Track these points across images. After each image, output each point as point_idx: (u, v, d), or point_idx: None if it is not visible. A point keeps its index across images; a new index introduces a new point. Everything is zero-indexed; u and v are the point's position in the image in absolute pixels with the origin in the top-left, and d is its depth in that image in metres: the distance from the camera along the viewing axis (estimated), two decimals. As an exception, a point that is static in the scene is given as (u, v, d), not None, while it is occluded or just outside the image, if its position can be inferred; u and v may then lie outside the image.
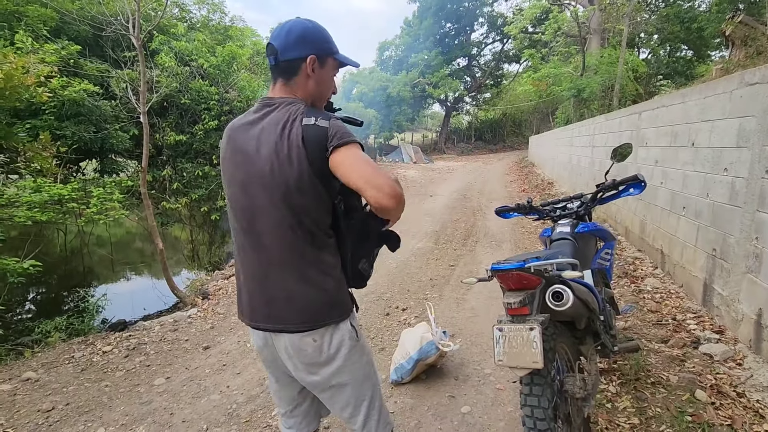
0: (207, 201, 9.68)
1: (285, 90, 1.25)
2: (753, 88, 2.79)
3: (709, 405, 2.16)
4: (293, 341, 1.22)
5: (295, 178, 1.13)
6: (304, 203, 1.16)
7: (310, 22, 1.26)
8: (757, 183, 2.66)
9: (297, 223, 1.17)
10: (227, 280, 5.22)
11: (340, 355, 1.25)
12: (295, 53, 1.22)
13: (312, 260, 1.20)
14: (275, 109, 1.21)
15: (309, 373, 1.26)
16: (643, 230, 4.78)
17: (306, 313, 1.21)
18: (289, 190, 1.14)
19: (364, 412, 1.32)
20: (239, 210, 1.24)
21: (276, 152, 1.14)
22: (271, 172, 1.15)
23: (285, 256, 1.20)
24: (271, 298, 1.22)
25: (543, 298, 1.65)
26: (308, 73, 1.23)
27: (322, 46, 1.25)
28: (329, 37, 1.28)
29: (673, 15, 18.83)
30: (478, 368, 2.76)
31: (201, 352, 3.26)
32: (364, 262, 1.32)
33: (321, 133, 1.13)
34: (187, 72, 8.85)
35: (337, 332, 1.24)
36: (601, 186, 2.41)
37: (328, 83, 1.30)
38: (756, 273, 2.61)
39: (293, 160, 1.13)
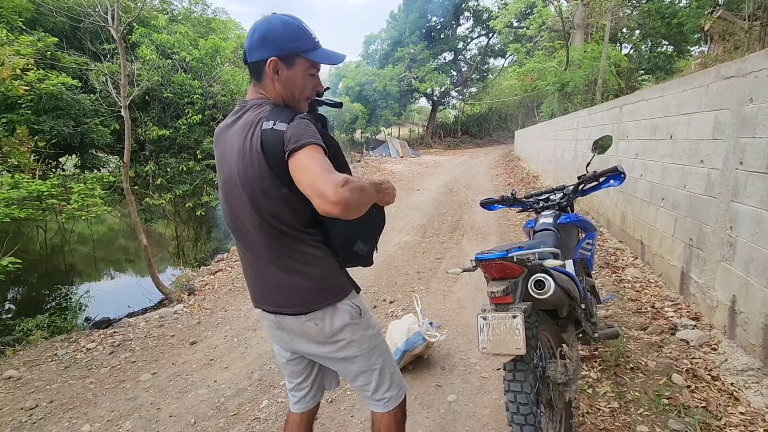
0: (192, 197, 9.55)
1: (256, 91, 1.26)
2: (728, 81, 2.88)
3: (685, 388, 2.24)
4: (296, 324, 1.29)
5: (258, 181, 1.15)
6: (268, 205, 1.17)
7: (278, 18, 1.21)
8: (732, 174, 2.75)
9: (265, 224, 1.19)
10: (213, 276, 5.19)
11: (345, 332, 1.30)
12: (258, 55, 1.20)
13: (289, 253, 1.23)
14: (246, 111, 1.21)
15: (319, 347, 1.32)
16: (624, 222, 4.89)
17: (297, 299, 1.26)
18: (254, 193, 1.16)
19: (376, 380, 1.38)
20: (225, 210, 1.30)
21: (241, 155, 1.16)
22: (240, 175, 1.17)
23: (265, 251, 1.25)
24: (265, 286, 1.30)
25: (525, 286, 1.69)
26: (270, 75, 1.21)
27: (286, 46, 1.20)
28: (299, 34, 1.21)
29: (655, 11, 19.12)
30: (464, 358, 2.80)
31: (187, 348, 3.24)
32: (360, 243, 1.35)
33: (278, 137, 1.11)
34: (169, 65, 8.69)
35: (337, 312, 1.28)
36: (582, 178, 2.46)
37: (298, 83, 1.24)
38: (730, 261, 2.70)
39: (254, 164, 1.14)
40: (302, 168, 1.06)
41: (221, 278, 5.05)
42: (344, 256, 1.33)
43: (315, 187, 1.02)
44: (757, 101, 2.52)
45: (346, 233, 1.30)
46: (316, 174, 1.03)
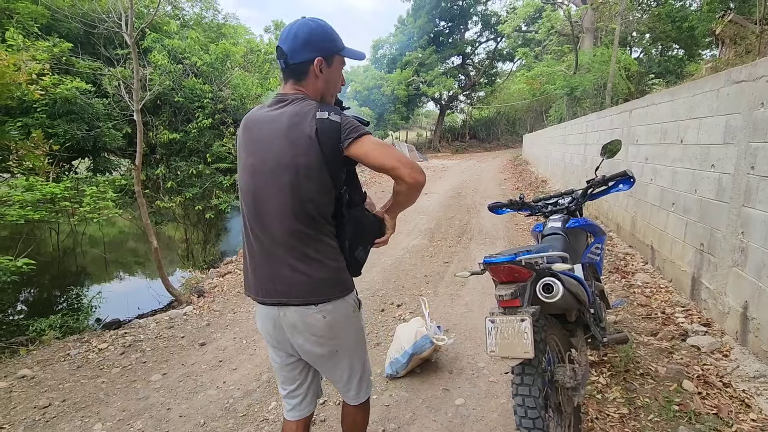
0: (201, 200, 9.65)
1: (294, 88, 1.34)
2: (739, 86, 2.86)
3: (696, 395, 2.22)
4: (301, 316, 1.32)
5: (305, 166, 1.23)
6: (310, 190, 1.25)
7: (314, 22, 1.32)
8: (743, 179, 2.73)
9: (301, 209, 1.26)
10: (222, 278, 5.23)
11: (344, 327, 1.38)
12: (303, 56, 1.30)
13: (312, 243, 1.30)
14: (289, 103, 1.30)
15: (317, 345, 1.36)
16: (633, 226, 4.85)
17: (309, 289, 1.30)
18: (297, 177, 1.24)
19: (359, 374, 1.49)
20: (249, 193, 1.34)
21: (289, 142, 1.24)
22: (283, 160, 1.25)
23: (288, 238, 1.29)
24: (277, 275, 1.32)
25: (534, 290, 1.69)
26: (316, 73, 1.32)
27: (327, 46, 1.32)
28: (334, 34, 1.35)
29: (665, 14, 18.99)
30: (472, 362, 2.80)
31: (197, 349, 3.28)
32: (360, 250, 1.42)
33: (334, 127, 1.24)
34: (180, 70, 8.82)
35: (342, 305, 1.36)
36: (591, 182, 2.46)
37: (336, 80, 1.39)
38: (742, 267, 2.67)
39: (305, 150, 1.23)
40: (380, 149, 1.25)
41: (230, 280, 5.09)
42: (348, 260, 1.38)
43: (401, 160, 1.24)
44: (769, 105, 2.50)
45: (353, 237, 1.37)
46: (398, 152, 1.25)
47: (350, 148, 1.24)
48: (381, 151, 1.25)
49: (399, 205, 1.45)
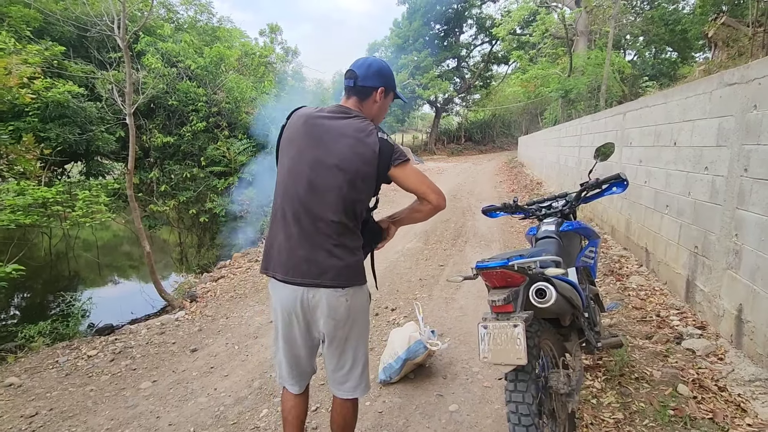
0: (195, 203, 9.60)
1: (355, 105, 1.61)
2: (732, 88, 2.86)
3: (691, 399, 2.20)
4: (329, 298, 1.51)
5: (363, 173, 1.50)
6: (360, 191, 1.52)
7: (385, 62, 1.67)
8: (737, 181, 2.72)
9: (350, 204, 1.51)
10: (216, 283, 5.18)
11: (358, 313, 1.58)
12: (371, 83, 1.59)
13: (350, 235, 1.54)
14: (353, 117, 1.56)
15: (335, 328, 1.55)
16: (628, 229, 4.85)
17: (340, 274, 1.51)
18: (354, 180, 1.49)
19: (360, 366, 1.64)
20: (305, 182, 1.51)
21: (354, 150, 1.49)
22: (345, 163, 1.48)
23: (333, 226, 1.50)
24: (313, 258, 1.50)
25: (527, 295, 1.67)
26: (376, 99, 1.62)
27: (390, 82, 1.64)
28: (393, 77, 1.68)
29: (658, 17, 19.15)
30: (466, 367, 2.77)
31: (188, 355, 3.23)
32: (367, 249, 1.67)
33: (389, 148, 1.52)
34: (174, 73, 8.79)
35: (361, 293, 1.59)
36: (585, 185, 2.44)
37: (385, 110, 1.69)
38: (736, 269, 2.67)
39: (368, 160, 1.49)
40: (418, 176, 1.57)
41: (223, 285, 5.04)
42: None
43: (432, 188, 1.58)
44: (762, 108, 2.50)
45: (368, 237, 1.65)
46: (429, 180, 1.59)
47: (395, 169, 1.53)
48: (419, 178, 1.57)
49: (413, 221, 1.74)
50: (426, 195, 1.56)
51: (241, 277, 5.33)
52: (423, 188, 1.56)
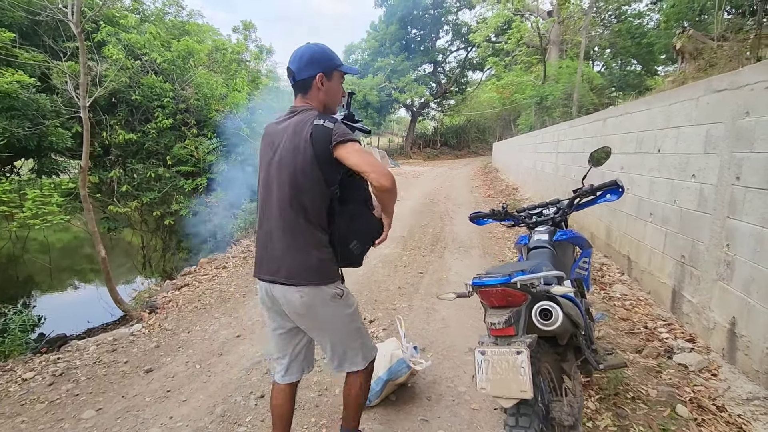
0: (160, 204, 9.06)
1: (303, 101, 1.63)
2: (720, 94, 2.79)
3: (692, 421, 2.07)
4: (284, 292, 1.57)
5: (301, 163, 1.50)
6: (304, 183, 1.51)
7: (316, 45, 1.64)
8: (727, 190, 2.64)
9: (295, 199, 1.52)
10: (178, 291, 4.79)
11: (321, 310, 1.59)
12: (307, 73, 1.59)
13: (303, 231, 1.54)
14: (297, 114, 1.60)
15: (297, 318, 1.62)
16: (609, 236, 4.80)
17: (294, 272, 1.54)
18: (295, 172, 1.51)
19: (339, 356, 1.70)
20: (261, 185, 1.64)
21: (292, 143, 1.52)
22: (286, 158, 1.53)
23: (284, 224, 1.55)
24: (272, 256, 1.59)
25: (529, 315, 1.48)
26: (319, 86, 1.61)
27: (327, 63, 1.61)
28: (332, 54, 1.64)
29: (625, 30, 19.84)
30: (451, 386, 2.57)
31: (142, 377, 2.88)
32: (356, 244, 1.61)
33: (326, 131, 1.48)
34: (138, 66, 8.26)
35: (320, 292, 1.56)
36: (578, 191, 2.29)
37: (336, 91, 1.66)
38: (728, 281, 2.58)
39: (302, 150, 1.50)
40: (359, 154, 1.47)
41: (187, 294, 4.66)
42: (341, 251, 1.60)
43: (374, 165, 1.45)
44: (754, 115, 2.43)
45: (346, 231, 1.59)
46: (372, 158, 1.47)
47: (336, 150, 1.47)
48: (358, 156, 1.47)
49: (383, 206, 1.68)
50: (366, 174, 1.46)
51: (207, 285, 4.96)
52: (363, 166, 1.45)
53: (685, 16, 13.60)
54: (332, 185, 1.53)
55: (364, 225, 1.65)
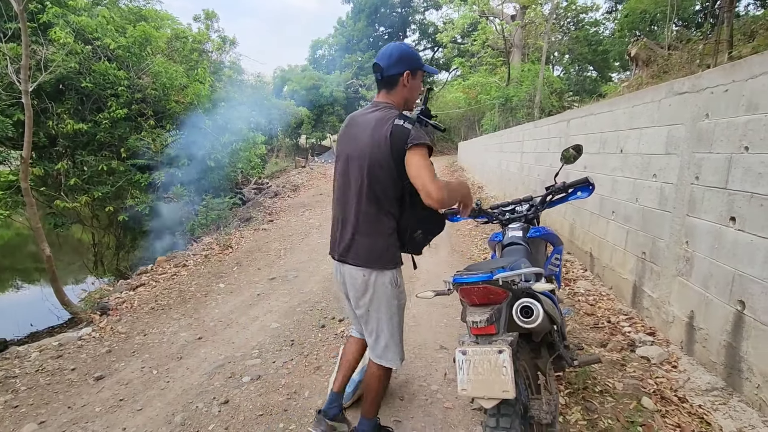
0: (114, 200, 8.55)
1: (386, 97, 1.75)
2: (682, 97, 2.90)
3: (656, 413, 2.12)
4: (350, 272, 1.75)
5: (378, 157, 1.62)
6: (380, 175, 1.64)
7: (405, 45, 1.76)
8: (687, 189, 2.75)
9: (370, 189, 1.67)
10: (133, 291, 4.50)
11: (377, 292, 1.72)
12: (396, 70, 1.70)
13: (373, 219, 1.69)
14: (379, 109, 1.70)
15: (355, 298, 1.78)
16: (572, 233, 4.93)
17: (361, 254, 1.71)
18: (372, 165, 1.64)
19: (383, 341, 1.78)
20: (339, 174, 1.78)
21: (372, 138, 1.64)
22: (366, 151, 1.65)
23: (358, 211, 1.70)
24: (344, 239, 1.75)
25: (510, 313, 1.45)
26: (405, 83, 1.73)
27: (413, 63, 1.72)
28: (418, 55, 1.77)
29: (582, 37, 20.69)
30: (424, 384, 2.53)
31: (91, 385, 2.65)
32: (419, 233, 1.75)
33: (405, 132, 1.59)
34: (89, 51, 7.72)
35: (380, 276, 1.71)
36: (550, 188, 2.31)
37: (417, 88, 1.80)
38: (687, 276, 2.68)
39: (381, 146, 1.61)
40: (417, 164, 1.56)
41: (143, 294, 4.39)
42: (407, 239, 1.75)
43: (425, 185, 1.52)
44: (714, 117, 2.53)
45: (413, 221, 1.72)
46: (427, 175, 1.54)
47: (408, 152, 1.58)
48: (417, 169, 1.55)
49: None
50: (419, 189, 1.55)
51: (165, 284, 4.69)
52: (416, 180, 1.55)
53: (638, 26, 14.33)
54: (405, 179, 1.63)
55: (430, 217, 1.75)
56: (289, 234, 6.99)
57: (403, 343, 1.86)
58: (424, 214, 1.71)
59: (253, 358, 2.92)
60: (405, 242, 1.75)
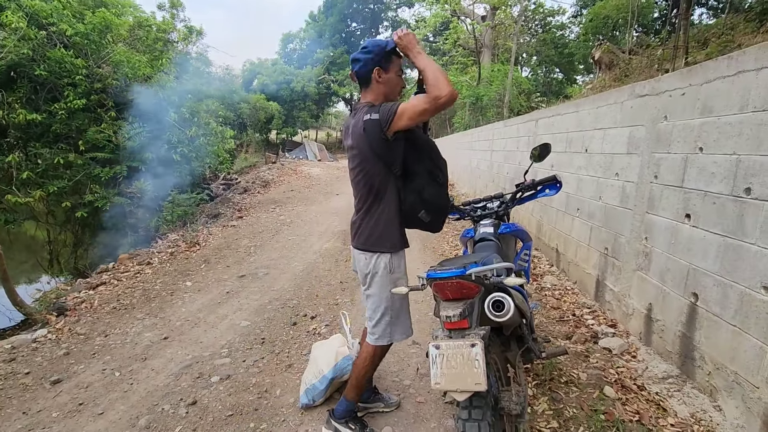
0: (71, 195, 8.10)
1: (366, 96, 1.85)
2: (643, 99, 3.03)
3: (617, 401, 2.22)
4: (356, 255, 1.93)
5: (365, 154, 1.76)
6: (370, 169, 1.78)
7: (370, 40, 1.82)
8: (647, 187, 2.89)
9: (363, 180, 1.82)
10: (93, 291, 4.30)
11: (377, 273, 1.85)
12: (364, 69, 1.77)
13: (372, 207, 1.84)
14: (358, 111, 1.81)
15: (362, 278, 1.92)
16: (539, 230, 5.09)
17: (364, 240, 1.87)
18: (362, 161, 1.79)
19: (377, 317, 1.89)
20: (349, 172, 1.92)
21: (355, 139, 1.79)
22: (354, 150, 1.80)
23: (360, 201, 1.88)
24: (353, 225, 1.94)
25: (482, 308, 1.48)
26: (377, 80, 1.79)
27: (382, 55, 1.76)
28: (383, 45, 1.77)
29: (549, 40, 21.31)
30: (396, 380, 2.55)
31: (48, 389, 2.51)
32: (423, 213, 1.84)
33: (374, 123, 1.68)
34: (44, 37, 7.28)
35: (379, 259, 1.84)
36: (520, 186, 2.37)
37: (393, 82, 1.84)
38: (646, 270, 2.82)
39: (362, 144, 1.75)
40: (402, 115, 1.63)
41: (103, 294, 4.19)
42: (410, 219, 1.87)
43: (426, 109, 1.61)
44: (672, 119, 2.66)
45: (414, 203, 1.82)
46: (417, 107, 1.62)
47: (390, 130, 1.67)
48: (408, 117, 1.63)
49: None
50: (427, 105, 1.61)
51: (127, 283, 4.50)
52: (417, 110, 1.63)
53: (601, 30, 14.89)
54: (393, 166, 1.77)
55: (430, 196, 1.82)
56: (259, 231, 6.86)
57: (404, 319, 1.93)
58: (425, 194, 1.80)
59: (222, 357, 2.85)
60: (415, 223, 1.88)
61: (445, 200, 1.89)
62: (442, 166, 1.90)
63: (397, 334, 1.92)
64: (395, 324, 1.91)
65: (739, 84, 2.11)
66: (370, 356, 1.96)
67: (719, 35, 7.43)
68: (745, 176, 2.02)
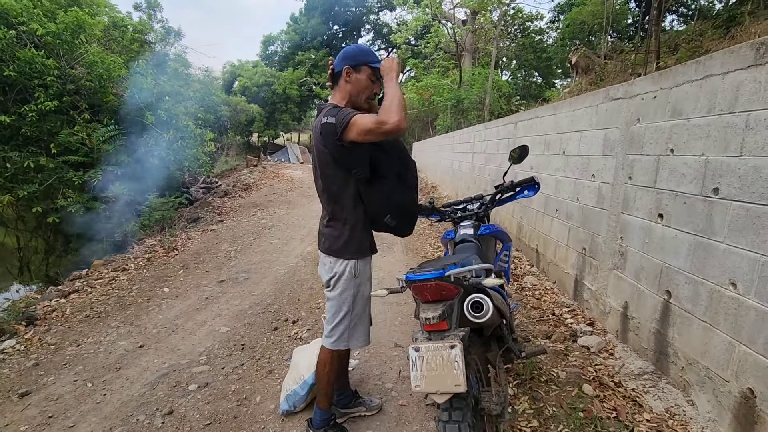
0: (43, 200, 7.83)
1: (333, 95, 1.84)
2: (616, 102, 3.11)
3: (596, 398, 2.26)
4: (322, 260, 1.90)
5: (324, 159, 1.74)
6: (329, 174, 1.76)
7: (356, 45, 1.90)
8: (621, 188, 2.96)
9: (326, 188, 1.80)
10: (65, 299, 4.15)
11: (339, 279, 1.82)
12: (339, 67, 1.79)
13: (334, 212, 1.81)
14: (322, 111, 1.76)
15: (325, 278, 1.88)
16: (520, 231, 5.15)
17: (328, 245, 1.84)
18: (322, 166, 1.77)
19: (336, 321, 1.86)
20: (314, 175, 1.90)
21: (315, 142, 1.77)
22: (315, 153, 1.80)
23: (324, 207, 1.87)
24: (320, 231, 1.93)
25: (461, 309, 1.48)
26: (346, 79, 1.78)
27: (357, 58, 1.77)
28: (367, 52, 1.81)
29: (528, 44, 21.73)
30: (378, 383, 2.53)
31: (15, 402, 2.40)
32: (389, 218, 1.81)
33: (331, 127, 1.64)
34: (13, 37, 7.03)
35: (341, 265, 1.82)
36: (500, 187, 2.39)
37: (361, 84, 1.79)
38: (621, 269, 2.88)
39: (321, 148, 1.74)
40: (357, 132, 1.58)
41: (76, 302, 4.05)
42: (377, 223, 1.86)
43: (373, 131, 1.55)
44: (644, 121, 2.73)
45: (378, 207, 1.79)
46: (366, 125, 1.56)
47: (343, 138, 1.62)
48: (358, 132, 1.58)
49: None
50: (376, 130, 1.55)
51: (101, 290, 4.37)
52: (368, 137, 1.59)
53: (578, 35, 15.26)
54: (354, 170, 1.70)
55: (397, 200, 1.80)
56: (239, 235, 6.75)
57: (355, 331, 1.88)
58: (391, 198, 1.77)
59: (200, 364, 2.78)
60: (382, 227, 1.86)
61: (412, 204, 1.88)
62: (412, 167, 1.88)
63: (354, 340, 1.88)
64: (354, 330, 1.88)
65: (706, 88, 2.18)
66: (327, 362, 1.91)
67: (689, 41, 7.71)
68: (714, 177, 2.08)
